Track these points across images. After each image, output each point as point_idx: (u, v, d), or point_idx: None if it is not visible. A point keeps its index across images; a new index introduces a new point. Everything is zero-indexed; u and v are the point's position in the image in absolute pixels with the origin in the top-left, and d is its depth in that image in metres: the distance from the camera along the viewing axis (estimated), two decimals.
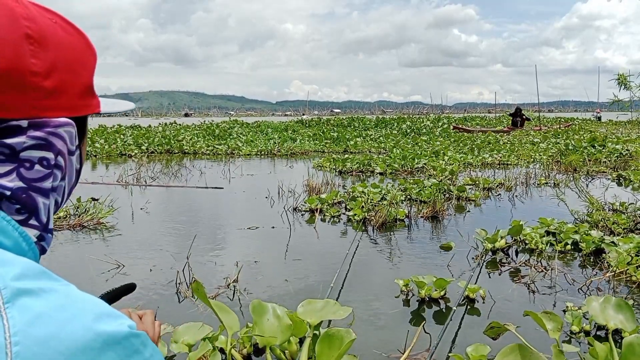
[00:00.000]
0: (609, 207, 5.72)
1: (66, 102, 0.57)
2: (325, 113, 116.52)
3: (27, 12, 0.54)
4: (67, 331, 0.41)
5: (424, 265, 4.02)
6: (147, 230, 5.38)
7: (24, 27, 0.53)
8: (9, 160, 0.53)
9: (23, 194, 0.54)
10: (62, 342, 0.41)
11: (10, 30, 0.52)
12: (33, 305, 0.42)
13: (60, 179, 0.59)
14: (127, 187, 8.13)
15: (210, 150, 14.76)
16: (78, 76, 0.59)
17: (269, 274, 3.80)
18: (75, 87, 0.59)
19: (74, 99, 0.59)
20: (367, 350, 2.55)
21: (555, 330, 2.15)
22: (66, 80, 0.57)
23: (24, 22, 0.53)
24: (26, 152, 0.54)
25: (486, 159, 10.96)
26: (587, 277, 3.61)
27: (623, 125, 25.85)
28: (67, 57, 0.58)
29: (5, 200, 0.53)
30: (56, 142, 0.56)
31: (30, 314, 0.41)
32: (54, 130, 0.56)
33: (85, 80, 0.61)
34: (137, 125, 27.02)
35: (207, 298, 2.27)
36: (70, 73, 0.58)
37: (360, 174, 9.47)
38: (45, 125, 0.55)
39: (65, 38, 0.58)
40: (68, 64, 0.57)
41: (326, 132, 20.74)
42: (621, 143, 12.37)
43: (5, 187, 0.53)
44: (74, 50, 0.59)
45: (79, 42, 0.60)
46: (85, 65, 0.61)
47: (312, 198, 6.20)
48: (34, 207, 0.55)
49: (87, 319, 0.43)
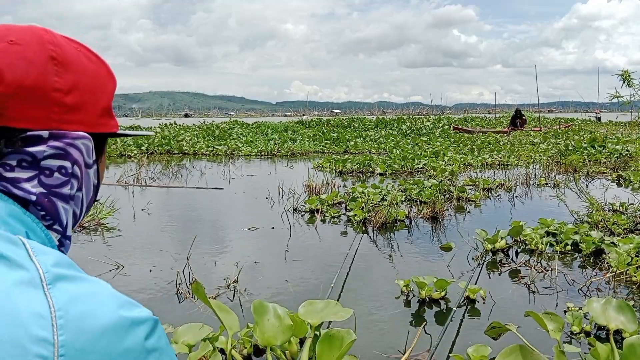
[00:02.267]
0: (609, 208, 5.72)
1: (84, 118, 0.65)
2: (325, 113, 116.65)
3: (54, 39, 0.64)
4: (99, 312, 0.48)
5: (424, 265, 4.02)
6: (147, 230, 5.38)
7: (50, 50, 0.62)
8: (31, 167, 0.60)
9: (45, 199, 0.61)
10: (97, 320, 0.48)
11: (38, 52, 0.61)
12: (69, 288, 0.49)
13: (77, 188, 0.66)
14: (127, 187, 8.13)
15: (210, 151, 14.75)
16: (97, 97, 0.68)
17: (269, 275, 3.80)
18: (94, 106, 0.67)
19: (92, 117, 0.67)
20: (368, 350, 2.55)
21: (557, 331, 2.15)
22: (86, 99, 0.65)
23: (50, 46, 0.62)
24: (46, 160, 0.61)
25: (486, 160, 10.97)
26: (587, 277, 3.61)
27: (623, 125, 25.85)
28: (88, 79, 0.66)
29: (31, 205, 0.60)
30: (73, 152, 0.63)
31: (68, 295, 0.48)
32: (71, 142, 0.63)
33: (104, 102, 0.69)
34: (137, 126, 27.01)
35: (207, 298, 2.27)
36: (90, 94, 0.66)
37: (360, 174, 9.47)
38: (64, 136, 0.62)
39: (87, 64, 0.67)
40: (88, 85, 0.66)
41: (326, 132, 20.74)
42: (621, 143, 12.37)
43: (30, 192, 0.60)
44: (95, 75, 0.68)
45: (99, 69, 0.69)
46: (104, 89, 0.69)
47: (312, 198, 6.20)
48: (56, 212, 0.63)
49: (113, 305, 0.50)
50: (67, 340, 0.45)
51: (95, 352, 0.46)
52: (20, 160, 0.60)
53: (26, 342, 0.43)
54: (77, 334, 0.46)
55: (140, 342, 0.50)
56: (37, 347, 0.44)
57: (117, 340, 0.48)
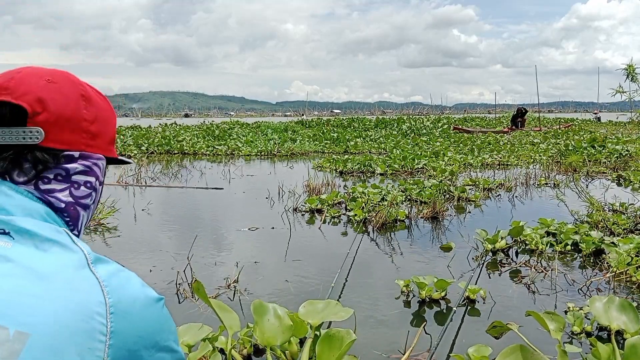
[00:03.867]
0: (609, 208, 5.72)
1: (101, 144, 0.83)
2: (325, 113, 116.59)
3: (80, 81, 0.82)
4: (130, 285, 0.67)
5: (425, 265, 4.02)
6: (147, 230, 5.38)
7: (80, 89, 0.80)
8: (64, 180, 0.76)
9: (71, 207, 0.78)
10: (130, 290, 0.66)
11: (71, 89, 0.78)
12: (106, 267, 0.67)
13: (94, 200, 0.83)
14: (126, 187, 8.13)
15: (210, 151, 14.75)
16: (109, 129, 0.85)
17: (269, 275, 3.80)
18: (107, 135, 0.84)
19: (105, 143, 0.84)
20: (368, 351, 2.55)
21: (558, 331, 2.14)
22: (102, 129, 0.83)
23: (79, 86, 0.80)
24: (76, 175, 0.78)
25: (486, 160, 10.96)
26: (587, 277, 3.61)
27: (623, 125, 25.85)
28: (103, 114, 0.83)
29: (59, 212, 0.76)
30: (96, 170, 0.81)
31: (107, 271, 0.66)
32: (95, 162, 0.81)
33: (112, 133, 0.87)
34: (137, 126, 27.02)
35: (207, 297, 2.26)
36: (104, 125, 0.83)
37: (360, 174, 9.47)
38: (90, 157, 0.80)
39: (101, 102, 0.84)
40: (103, 119, 0.83)
41: (326, 132, 20.73)
42: (621, 143, 12.37)
43: (61, 200, 0.76)
44: (106, 110, 0.85)
45: (108, 106, 0.86)
46: (112, 122, 0.87)
47: (312, 198, 6.20)
48: (77, 218, 0.80)
49: (138, 283, 0.69)
50: (114, 302, 0.63)
51: (133, 313, 0.64)
52: (57, 174, 0.76)
53: (89, 303, 0.61)
54: (120, 299, 0.64)
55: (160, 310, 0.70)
56: (96, 306, 0.61)
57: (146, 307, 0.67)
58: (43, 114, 0.72)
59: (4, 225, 0.66)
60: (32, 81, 0.74)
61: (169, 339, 0.70)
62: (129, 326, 0.63)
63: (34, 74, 0.76)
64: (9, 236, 0.65)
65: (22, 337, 0.55)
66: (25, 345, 0.55)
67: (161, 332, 0.68)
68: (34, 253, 0.63)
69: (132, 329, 0.63)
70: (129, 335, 0.63)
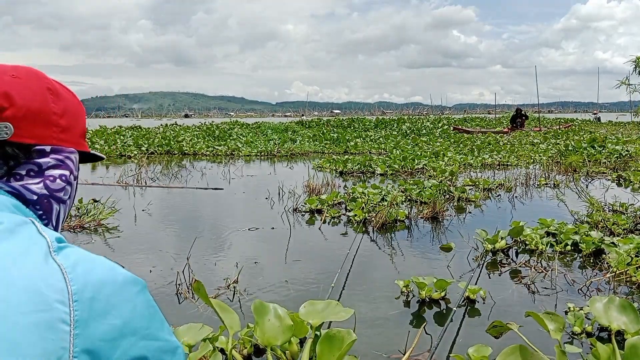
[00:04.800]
0: (609, 208, 5.72)
1: (72, 138, 0.82)
2: (325, 114, 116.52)
3: (44, 76, 0.81)
4: (97, 269, 0.63)
5: (424, 266, 4.02)
6: (147, 231, 5.38)
7: (46, 83, 0.79)
8: (37, 175, 0.76)
9: (45, 200, 0.77)
10: (97, 275, 0.62)
11: (37, 83, 0.77)
12: (71, 253, 0.63)
13: (69, 195, 0.82)
14: (127, 188, 8.13)
15: (210, 151, 14.75)
16: (78, 122, 0.85)
17: (269, 275, 3.80)
18: (77, 129, 0.85)
19: (76, 137, 0.84)
20: (368, 351, 2.55)
21: (557, 331, 2.14)
22: (72, 123, 0.82)
23: (45, 80, 0.80)
24: (49, 170, 0.77)
25: (486, 160, 10.96)
26: (587, 277, 3.61)
27: (623, 125, 25.85)
28: (71, 108, 0.83)
29: (30, 206, 0.75)
30: (69, 163, 0.81)
31: (72, 258, 0.62)
32: (68, 155, 0.80)
33: (82, 126, 0.87)
34: (137, 126, 27.02)
35: (208, 297, 2.27)
36: (74, 118, 0.84)
37: (361, 174, 9.47)
38: (62, 151, 0.79)
39: (68, 95, 0.84)
40: (72, 112, 0.83)
41: (326, 133, 20.73)
42: (621, 144, 12.37)
43: (33, 192, 0.75)
44: (75, 104, 0.85)
45: (76, 100, 0.87)
46: (81, 116, 0.87)
47: (312, 199, 6.20)
48: (51, 212, 0.78)
49: (106, 267, 0.64)
50: (78, 289, 0.59)
51: (101, 299, 0.60)
52: (29, 170, 0.75)
53: (47, 292, 0.57)
54: (85, 286, 0.60)
55: (137, 294, 0.64)
56: (56, 294, 0.57)
57: (118, 292, 0.62)
58: (10, 109, 0.72)
59: None
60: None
61: (151, 326, 0.64)
62: (98, 313, 0.59)
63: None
64: None
65: None
66: None
67: (141, 319, 0.63)
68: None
69: (102, 317, 0.59)
70: (99, 323, 0.59)
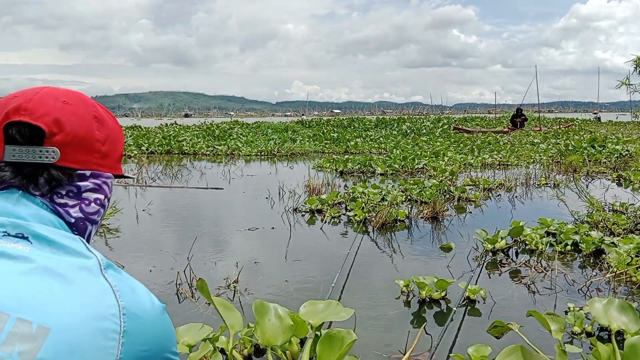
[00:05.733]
0: (609, 208, 5.72)
1: (110, 163, 0.87)
2: (325, 113, 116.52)
3: (93, 102, 0.86)
4: (138, 291, 0.72)
5: (425, 265, 4.02)
6: (147, 231, 5.38)
7: (93, 110, 0.84)
8: (75, 197, 0.81)
9: (81, 222, 0.82)
10: (139, 293, 0.71)
11: (85, 111, 0.82)
12: (116, 274, 0.71)
13: (101, 216, 0.88)
14: (127, 187, 8.13)
15: (210, 151, 14.75)
16: (117, 148, 0.89)
17: (269, 275, 3.80)
18: (115, 154, 0.89)
19: (114, 162, 0.88)
20: (368, 351, 2.55)
21: (559, 331, 2.14)
22: (112, 149, 0.87)
23: (92, 108, 0.84)
24: (87, 193, 0.82)
25: (486, 160, 10.96)
26: (587, 277, 3.61)
27: (623, 125, 25.84)
28: (113, 134, 0.87)
29: (67, 225, 0.80)
30: (105, 188, 0.86)
31: (117, 278, 0.70)
32: (105, 180, 0.86)
33: (120, 151, 0.91)
34: (137, 126, 27.01)
35: (210, 296, 2.26)
36: (114, 144, 0.88)
37: (361, 174, 9.47)
38: (100, 176, 0.84)
39: (111, 122, 0.88)
40: (113, 138, 0.87)
41: (326, 132, 20.72)
42: (621, 143, 12.36)
43: (71, 216, 0.81)
44: (116, 130, 0.89)
45: (117, 126, 0.91)
46: (120, 141, 0.91)
47: (313, 199, 6.20)
48: (84, 233, 0.83)
49: (145, 291, 0.73)
50: (125, 305, 0.67)
51: (142, 317, 0.69)
52: (69, 191, 0.80)
53: (103, 305, 0.65)
54: (130, 301, 0.68)
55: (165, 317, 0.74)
56: (110, 308, 0.65)
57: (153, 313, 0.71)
58: (59, 135, 0.76)
59: (23, 230, 0.70)
60: (49, 102, 0.78)
61: (172, 345, 0.75)
62: (139, 328, 0.67)
63: (51, 95, 0.80)
64: (27, 240, 0.69)
65: (44, 331, 0.59)
66: (46, 339, 0.59)
67: (166, 338, 0.73)
68: (51, 256, 0.68)
69: (142, 332, 0.68)
70: (139, 337, 0.67)
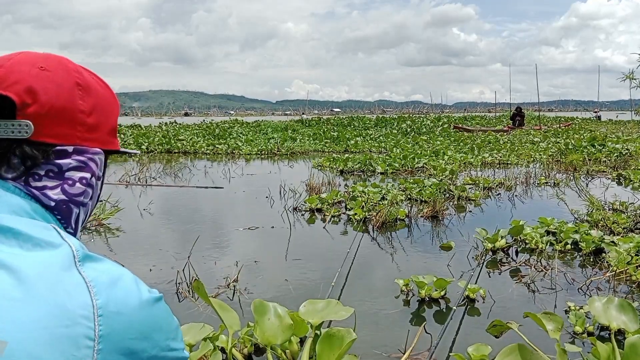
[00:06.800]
0: (609, 207, 5.72)
1: (100, 137, 0.76)
2: (325, 112, 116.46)
3: (77, 68, 0.75)
4: (122, 282, 0.61)
5: (424, 265, 4.02)
6: (147, 230, 5.38)
7: (75, 77, 0.73)
8: (56, 177, 0.71)
9: (64, 205, 0.72)
10: (121, 288, 0.60)
11: (65, 78, 0.72)
12: (94, 265, 0.61)
13: (90, 197, 0.77)
14: (127, 187, 8.13)
15: (210, 150, 14.76)
16: (108, 119, 0.79)
17: (269, 274, 3.80)
18: (107, 127, 0.78)
19: (105, 135, 0.78)
20: (368, 350, 2.55)
21: (556, 331, 2.14)
22: (101, 120, 0.76)
23: (75, 73, 0.73)
24: (70, 172, 0.72)
25: (486, 159, 10.96)
26: (587, 276, 3.61)
27: (623, 124, 25.83)
28: (103, 103, 0.77)
29: (48, 209, 0.70)
30: (92, 165, 0.75)
31: (96, 271, 0.60)
32: (91, 156, 0.75)
33: (113, 123, 0.80)
34: (137, 125, 27.02)
35: (207, 297, 2.27)
36: (104, 115, 0.77)
37: (361, 173, 9.47)
38: (85, 152, 0.74)
39: (101, 90, 0.78)
40: (103, 108, 0.77)
41: (326, 131, 20.73)
42: (621, 142, 12.36)
43: (50, 198, 0.70)
44: (106, 99, 0.79)
45: (109, 94, 0.80)
46: (113, 111, 0.81)
47: (313, 198, 6.20)
48: (70, 217, 0.73)
49: (130, 281, 0.62)
50: (103, 304, 0.57)
51: (125, 313, 0.58)
52: (48, 171, 0.70)
53: (72, 306, 0.55)
54: (109, 300, 0.58)
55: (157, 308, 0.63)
56: (81, 309, 0.55)
57: (141, 307, 0.60)
58: (33, 106, 0.67)
59: None
60: (23, 69, 0.68)
61: (168, 338, 0.65)
62: (122, 328, 0.58)
63: (26, 61, 0.70)
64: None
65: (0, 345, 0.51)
66: (3, 354, 0.51)
67: (160, 331, 0.63)
68: (16, 253, 0.59)
69: (125, 331, 0.58)
70: (122, 338, 0.58)
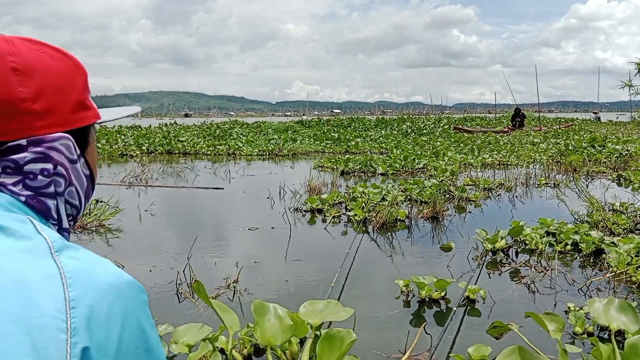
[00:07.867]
0: (609, 208, 5.72)
1: (59, 119, 0.67)
2: (325, 113, 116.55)
3: (13, 49, 0.64)
4: (101, 274, 0.57)
5: (425, 265, 4.02)
6: (147, 230, 5.38)
7: (10, 62, 0.62)
8: (15, 173, 0.64)
9: (33, 200, 0.65)
10: (101, 280, 0.56)
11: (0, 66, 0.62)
12: (74, 254, 0.57)
13: (67, 184, 0.69)
14: (129, 187, 8.13)
15: (210, 151, 14.76)
16: (67, 95, 0.68)
17: (269, 275, 3.80)
18: (67, 104, 0.68)
19: (66, 115, 0.68)
20: (368, 350, 2.55)
21: (557, 331, 2.14)
22: (55, 100, 0.66)
23: (10, 57, 0.63)
24: (29, 165, 0.64)
25: (486, 160, 10.96)
26: (587, 277, 3.61)
27: (623, 125, 25.83)
28: (54, 80, 0.66)
29: (26, 205, 0.65)
30: (53, 154, 0.66)
31: (73, 260, 0.56)
32: (50, 145, 0.66)
33: (76, 97, 0.70)
34: (138, 126, 27.03)
35: (207, 297, 2.27)
36: (59, 93, 0.67)
37: (362, 174, 9.47)
38: (42, 141, 0.65)
39: (52, 64, 0.67)
40: (56, 86, 0.66)
41: (326, 132, 20.73)
42: (621, 143, 12.36)
43: (19, 194, 0.64)
44: (61, 73, 0.68)
45: (66, 66, 0.69)
46: (73, 84, 0.69)
47: (313, 198, 6.20)
48: (46, 210, 0.67)
49: (109, 271, 0.58)
50: (77, 296, 0.53)
51: (101, 307, 0.54)
52: (5, 167, 0.63)
53: (42, 298, 0.51)
54: (85, 291, 0.54)
55: (138, 299, 0.59)
56: (52, 301, 0.51)
57: (118, 299, 0.56)
58: None
59: None
60: None
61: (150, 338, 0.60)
62: (98, 322, 0.53)
63: None
64: None
65: None
66: None
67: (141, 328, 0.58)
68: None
69: (102, 326, 0.54)
70: (98, 333, 0.53)
